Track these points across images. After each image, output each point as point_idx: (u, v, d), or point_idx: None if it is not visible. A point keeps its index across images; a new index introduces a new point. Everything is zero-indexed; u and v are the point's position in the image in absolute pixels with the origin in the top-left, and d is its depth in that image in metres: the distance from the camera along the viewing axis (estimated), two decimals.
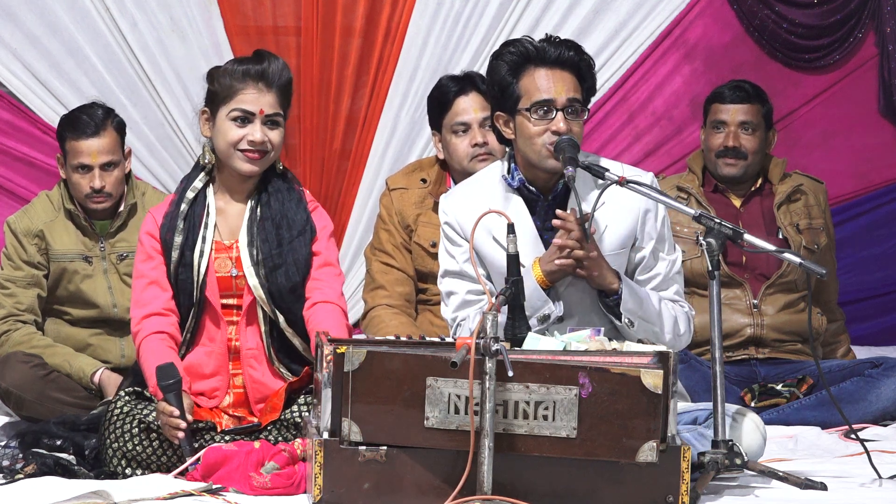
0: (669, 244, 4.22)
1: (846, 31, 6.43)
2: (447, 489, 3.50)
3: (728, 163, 5.40)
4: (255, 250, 4.17)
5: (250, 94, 4.15)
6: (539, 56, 4.08)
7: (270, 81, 4.16)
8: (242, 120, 4.15)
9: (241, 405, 4.19)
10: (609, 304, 4.08)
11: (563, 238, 4.01)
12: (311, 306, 4.16)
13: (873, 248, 6.52)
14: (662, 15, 6.33)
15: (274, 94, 4.17)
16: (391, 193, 5.25)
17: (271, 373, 4.17)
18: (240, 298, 4.18)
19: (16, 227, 5.08)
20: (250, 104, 4.14)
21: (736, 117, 5.40)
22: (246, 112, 4.14)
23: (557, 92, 4.06)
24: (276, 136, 4.17)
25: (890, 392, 5.05)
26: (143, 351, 4.11)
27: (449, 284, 4.23)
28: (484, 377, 3.44)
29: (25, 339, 4.97)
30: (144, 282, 4.19)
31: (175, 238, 4.17)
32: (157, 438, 3.99)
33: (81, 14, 6.04)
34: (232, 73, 4.16)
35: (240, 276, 4.17)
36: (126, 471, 3.98)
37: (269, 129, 4.16)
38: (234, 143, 4.14)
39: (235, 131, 4.14)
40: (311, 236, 4.21)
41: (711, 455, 3.66)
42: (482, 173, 4.32)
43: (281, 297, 4.16)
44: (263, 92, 4.15)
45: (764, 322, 5.31)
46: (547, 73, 4.08)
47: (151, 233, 4.21)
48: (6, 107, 6.07)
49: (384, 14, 6.20)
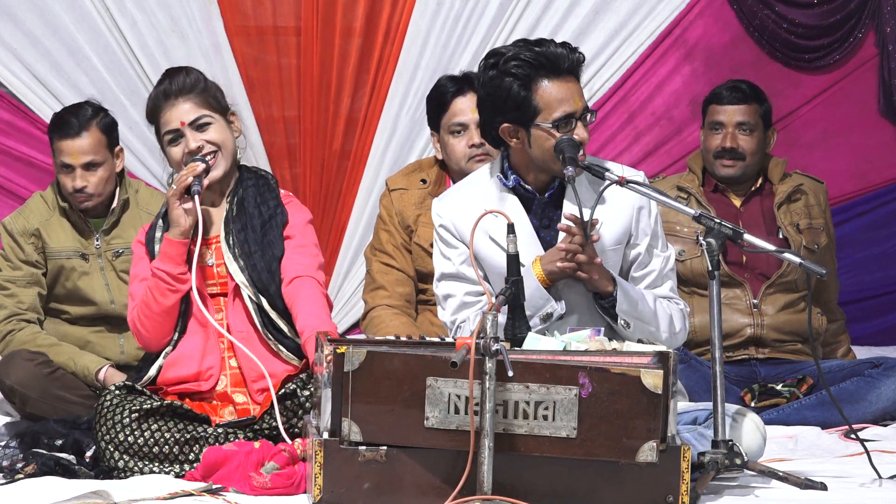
0: (663, 241, 4.23)
1: (846, 31, 6.42)
2: (447, 489, 3.50)
3: (726, 164, 5.41)
4: (231, 238, 4.29)
5: (168, 112, 4.33)
6: (552, 66, 4.02)
7: (177, 93, 4.32)
8: (175, 139, 4.32)
9: (238, 385, 4.25)
10: (605, 305, 4.09)
11: (566, 241, 4.02)
12: (289, 282, 4.28)
13: (873, 248, 6.52)
14: (662, 15, 6.33)
15: (189, 101, 4.32)
16: (391, 194, 5.25)
17: (267, 350, 4.25)
18: (223, 286, 4.30)
19: (12, 228, 5.09)
20: (172, 122, 4.32)
21: (733, 118, 5.40)
22: (172, 131, 4.32)
23: (576, 103, 4.03)
24: (213, 135, 4.32)
25: (890, 392, 5.05)
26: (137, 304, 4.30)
27: (446, 287, 4.22)
28: (484, 377, 3.44)
29: (30, 339, 4.97)
30: (137, 280, 4.34)
31: (156, 233, 4.32)
32: (149, 428, 4.01)
33: (81, 14, 6.05)
34: (151, 102, 4.38)
35: (220, 263, 4.29)
36: (119, 463, 3.99)
37: (200, 132, 4.31)
38: (177, 162, 4.33)
39: (175, 150, 4.33)
40: (282, 221, 4.34)
41: (711, 455, 3.66)
42: (475, 174, 4.31)
43: (261, 280, 4.26)
44: (177, 104, 4.32)
45: (764, 322, 5.31)
46: (561, 84, 4.03)
47: (140, 240, 4.39)
48: (6, 107, 6.07)
49: (384, 14, 6.20)
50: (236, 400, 4.23)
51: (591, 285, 4.07)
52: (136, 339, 4.36)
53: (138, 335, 4.32)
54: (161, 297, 4.23)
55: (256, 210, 4.34)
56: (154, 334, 4.28)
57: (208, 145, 4.30)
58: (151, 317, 4.26)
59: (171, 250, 4.24)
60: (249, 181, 4.39)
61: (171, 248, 4.24)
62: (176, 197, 4.22)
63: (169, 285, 4.23)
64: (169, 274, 4.22)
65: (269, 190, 4.39)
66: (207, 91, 4.35)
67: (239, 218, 4.32)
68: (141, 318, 4.27)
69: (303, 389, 4.09)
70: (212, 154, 4.30)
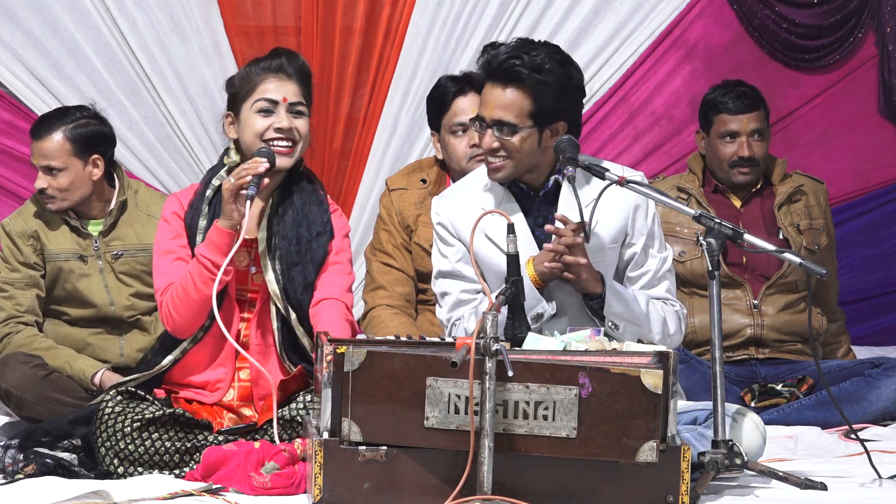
0: (660, 242, 4.23)
1: (846, 31, 6.42)
2: (447, 489, 3.50)
3: (742, 171, 5.41)
4: (274, 246, 4.18)
5: (272, 83, 4.19)
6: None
7: (290, 72, 4.21)
8: (267, 111, 4.18)
9: (246, 399, 4.19)
10: (594, 306, 4.10)
11: (554, 243, 4.02)
12: (316, 303, 4.19)
13: (873, 248, 6.52)
14: (662, 15, 6.33)
15: (295, 84, 4.21)
16: (391, 194, 5.25)
17: (280, 369, 4.17)
18: (254, 294, 4.20)
19: (10, 230, 5.08)
20: (273, 93, 4.18)
21: (748, 127, 5.40)
22: (270, 101, 4.18)
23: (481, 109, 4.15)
24: (302, 126, 4.20)
25: (890, 392, 5.05)
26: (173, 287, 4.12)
27: (442, 285, 4.24)
28: (484, 377, 3.44)
29: (27, 342, 4.96)
30: (170, 258, 4.18)
31: (199, 222, 4.18)
32: (150, 437, 3.98)
33: (81, 14, 6.04)
34: (250, 70, 4.22)
35: (257, 272, 4.19)
36: (119, 469, 3.97)
37: (294, 118, 4.20)
38: (260, 133, 4.17)
39: (261, 122, 4.17)
40: (330, 238, 4.24)
41: (711, 455, 3.66)
42: (473, 173, 4.34)
43: (295, 294, 4.17)
44: (284, 81, 4.20)
45: (764, 322, 5.31)
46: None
47: (178, 213, 4.22)
48: (6, 107, 6.07)
49: (384, 14, 6.20)
50: (244, 414, 4.17)
51: (580, 286, 4.08)
52: (163, 322, 4.19)
53: (169, 318, 4.14)
54: (203, 286, 4.06)
55: (305, 220, 4.20)
56: (187, 320, 4.13)
57: (296, 132, 4.18)
58: (189, 303, 4.09)
59: (219, 239, 4.07)
60: (298, 182, 4.24)
61: (220, 237, 4.07)
62: (231, 192, 4.05)
63: (212, 274, 4.05)
64: (214, 263, 4.05)
65: (320, 202, 4.25)
66: (310, 85, 4.27)
67: (283, 221, 4.19)
68: (175, 302, 4.11)
69: (307, 414, 4.04)
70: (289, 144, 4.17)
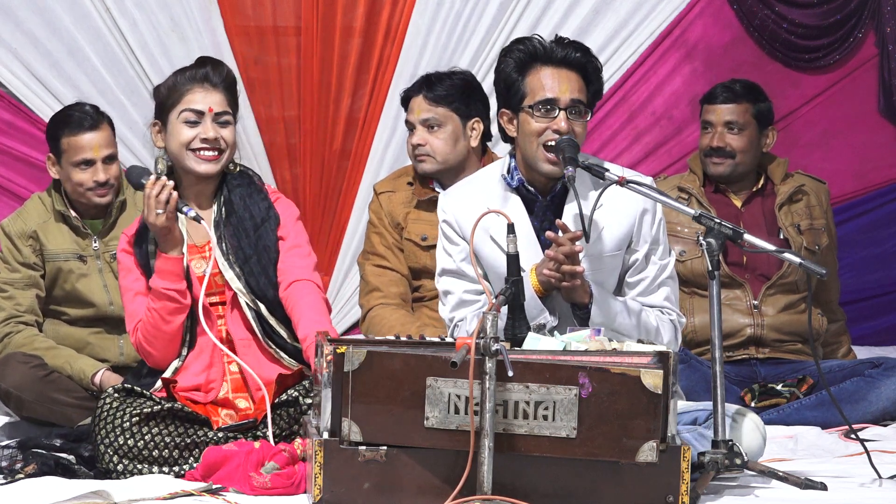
0: (664, 248, 4.22)
1: (846, 31, 6.42)
2: (447, 489, 3.50)
3: (715, 162, 5.44)
4: (225, 245, 4.24)
5: (198, 93, 4.25)
6: (546, 55, 4.10)
7: (215, 82, 4.26)
8: (193, 121, 4.23)
9: (240, 390, 4.23)
10: (581, 316, 4.09)
11: (552, 250, 4.01)
12: (286, 287, 4.25)
13: (873, 248, 6.52)
14: (662, 15, 6.33)
15: (221, 93, 4.27)
16: (379, 198, 5.32)
17: (266, 357, 4.22)
18: (222, 295, 4.26)
19: (9, 230, 5.08)
20: (199, 103, 4.24)
21: (722, 117, 5.43)
22: (196, 111, 4.23)
23: (562, 91, 4.07)
24: (228, 134, 4.27)
25: (890, 392, 5.05)
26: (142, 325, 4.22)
27: (446, 283, 4.24)
28: (484, 377, 3.44)
29: (27, 342, 4.96)
30: (130, 294, 4.28)
31: (149, 247, 4.24)
32: (149, 431, 3.99)
33: (81, 14, 6.04)
34: (177, 80, 4.28)
35: (216, 272, 4.23)
36: (119, 466, 3.98)
37: (220, 128, 4.25)
38: (186, 143, 4.23)
39: (188, 132, 4.23)
40: (276, 223, 4.29)
41: (711, 455, 3.66)
42: (482, 172, 4.33)
43: (258, 286, 4.23)
44: (210, 91, 4.26)
45: (764, 322, 5.31)
46: (553, 71, 4.09)
47: (126, 250, 4.30)
48: (6, 107, 6.07)
49: (384, 14, 6.20)
50: (239, 406, 4.19)
51: (568, 296, 4.07)
52: (143, 358, 4.28)
53: (147, 355, 4.24)
54: (170, 317, 4.17)
55: (247, 213, 4.28)
56: (164, 353, 4.22)
57: (222, 141, 4.24)
58: (161, 337, 4.19)
59: (170, 266, 4.17)
60: (234, 181, 4.32)
61: (170, 265, 4.17)
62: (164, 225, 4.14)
63: (178, 304, 4.16)
64: (178, 291, 4.15)
65: (258, 190, 4.33)
66: (236, 93, 4.33)
67: (230, 221, 4.27)
68: (148, 339, 4.20)
69: (304, 397, 4.08)
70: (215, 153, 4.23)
